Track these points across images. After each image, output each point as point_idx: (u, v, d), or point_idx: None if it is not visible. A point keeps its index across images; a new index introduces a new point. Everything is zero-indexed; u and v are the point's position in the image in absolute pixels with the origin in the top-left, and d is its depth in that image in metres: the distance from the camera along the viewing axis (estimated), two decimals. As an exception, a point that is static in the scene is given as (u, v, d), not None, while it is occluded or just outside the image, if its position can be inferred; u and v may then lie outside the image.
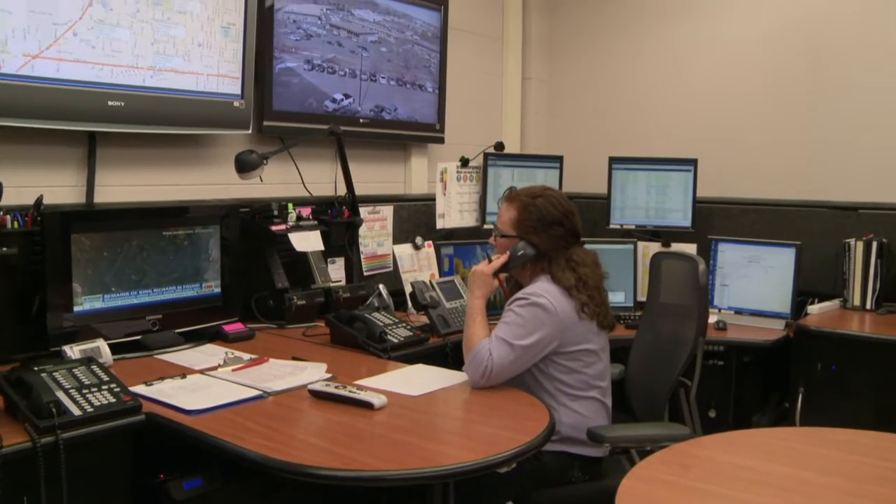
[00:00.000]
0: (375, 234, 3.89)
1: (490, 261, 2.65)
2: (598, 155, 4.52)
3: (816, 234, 4.02)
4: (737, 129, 4.42)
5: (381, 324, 2.98)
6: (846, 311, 3.82)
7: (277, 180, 3.56)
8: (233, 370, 2.54)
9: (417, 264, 3.94)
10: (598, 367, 2.59)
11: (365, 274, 3.77)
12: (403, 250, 3.92)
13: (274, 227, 3.31)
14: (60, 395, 2.03)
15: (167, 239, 2.98)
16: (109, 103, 2.88)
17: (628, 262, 4.09)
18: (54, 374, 2.13)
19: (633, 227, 4.39)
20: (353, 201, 3.64)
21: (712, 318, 3.54)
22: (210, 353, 2.79)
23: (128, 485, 2.12)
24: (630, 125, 4.82)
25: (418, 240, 3.97)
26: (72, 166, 2.97)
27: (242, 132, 3.39)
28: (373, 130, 4.03)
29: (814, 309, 3.75)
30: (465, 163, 4.33)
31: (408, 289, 3.49)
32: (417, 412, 2.23)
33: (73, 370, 2.18)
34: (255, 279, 3.33)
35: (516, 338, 2.43)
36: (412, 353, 2.93)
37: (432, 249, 4.00)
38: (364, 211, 3.75)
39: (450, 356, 3.05)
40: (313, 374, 2.50)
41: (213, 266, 3.13)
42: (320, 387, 2.28)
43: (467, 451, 1.95)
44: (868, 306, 3.79)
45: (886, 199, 3.92)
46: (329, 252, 3.57)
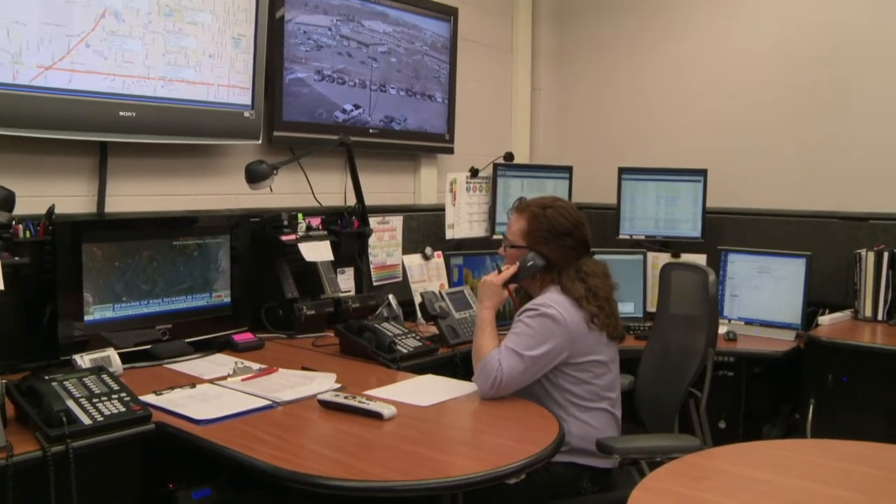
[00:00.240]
0: (385, 245, 3.90)
1: (500, 271, 2.64)
2: (608, 165, 4.53)
3: (827, 244, 4.01)
4: (746, 139, 4.41)
5: (390, 334, 2.98)
6: (857, 322, 3.80)
7: (287, 190, 3.56)
8: (242, 380, 2.55)
9: (427, 274, 3.94)
10: (607, 378, 2.58)
11: (374, 284, 3.78)
12: (413, 260, 3.93)
13: (284, 237, 3.32)
14: (71, 404, 2.04)
15: (177, 248, 2.99)
16: (121, 114, 2.89)
17: (638, 273, 4.08)
18: (65, 382, 2.14)
19: (643, 237, 4.38)
20: (362, 211, 3.65)
21: (722, 329, 3.53)
22: (220, 363, 2.79)
23: (137, 494, 2.12)
24: (639, 135, 4.82)
25: (428, 250, 3.98)
26: (83, 176, 2.98)
27: (253, 142, 3.40)
28: (382, 141, 4.04)
29: (825, 320, 3.73)
30: (474, 173, 4.34)
31: (417, 299, 3.49)
32: (427, 423, 2.23)
33: (84, 379, 2.19)
34: (264, 289, 3.34)
35: (526, 348, 2.43)
36: (421, 363, 2.93)
37: (442, 260, 4.00)
38: (374, 221, 3.76)
39: (459, 366, 3.04)
40: (323, 384, 2.50)
41: (223, 276, 3.14)
42: (330, 397, 2.28)
43: (476, 461, 1.95)
44: (879, 317, 3.77)
45: (898, 210, 3.90)
46: (339, 262, 3.57)
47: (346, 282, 3.67)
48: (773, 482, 1.89)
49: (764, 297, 3.91)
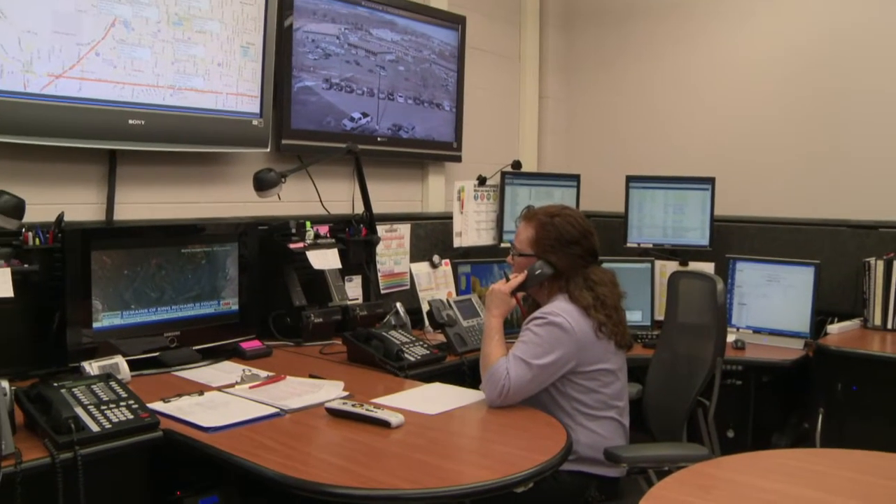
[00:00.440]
0: (393, 253, 3.90)
1: (508, 279, 2.64)
2: (616, 173, 4.52)
3: (836, 252, 3.99)
4: (754, 147, 4.40)
5: (398, 342, 2.98)
6: (867, 330, 3.78)
7: (295, 198, 3.57)
8: (250, 387, 2.55)
9: (434, 283, 3.94)
10: (615, 387, 2.57)
11: (382, 292, 3.78)
12: (420, 268, 3.93)
13: (292, 245, 3.33)
14: (79, 411, 2.04)
15: (185, 256, 3.00)
16: (130, 122, 2.91)
17: (645, 281, 4.08)
18: (73, 390, 2.15)
19: (651, 245, 4.37)
20: (370, 219, 3.66)
21: (730, 338, 3.51)
22: (227, 371, 2.80)
23: (145, 501, 2.12)
24: (647, 144, 4.81)
25: (435, 258, 3.98)
26: (92, 184, 3.00)
27: (261, 150, 3.41)
28: (390, 149, 4.05)
29: (834, 328, 3.72)
30: (482, 181, 4.34)
31: (425, 307, 3.49)
32: (434, 431, 2.23)
33: (92, 386, 2.19)
34: (272, 297, 3.34)
35: (534, 357, 2.43)
36: (429, 371, 2.93)
37: (449, 268, 4.00)
38: (381, 229, 3.76)
39: (467, 375, 3.04)
40: (330, 392, 2.50)
41: (231, 283, 3.15)
42: (337, 405, 2.28)
43: (484, 470, 1.95)
44: (889, 326, 3.75)
45: (907, 218, 3.89)
46: (346, 270, 3.58)
47: (353, 290, 3.67)
48: (782, 492, 1.88)
49: (772, 305, 3.90)
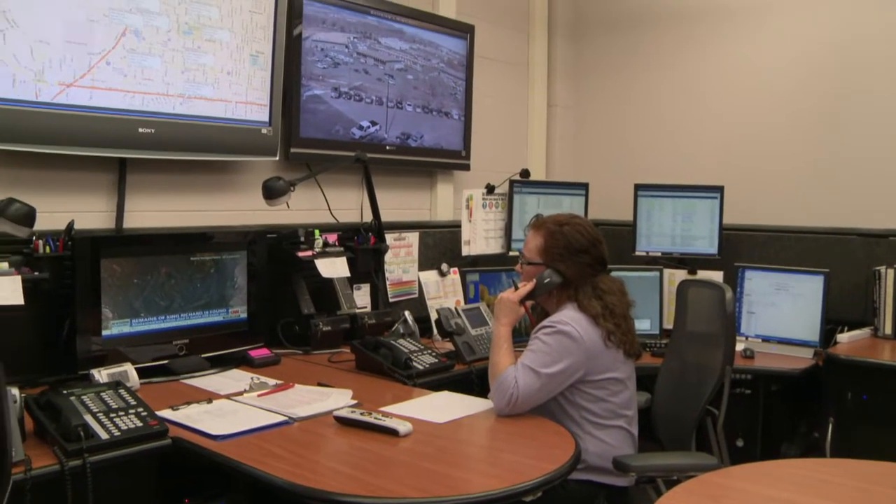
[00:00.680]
0: (401, 261, 3.90)
1: (516, 288, 2.64)
2: (624, 182, 4.52)
3: (845, 261, 3.97)
4: (763, 155, 4.39)
5: (406, 350, 2.98)
6: (877, 339, 3.76)
7: (304, 207, 3.58)
8: (258, 395, 2.55)
9: (443, 291, 3.94)
10: (624, 396, 2.57)
11: (390, 300, 3.78)
12: (429, 277, 3.92)
13: (300, 254, 3.34)
14: (88, 419, 2.05)
15: (194, 264, 3.01)
16: (140, 130, 2.92)
17: (654, 290, 4.07)
18: (83, 397, 2.15)
19: (659, 254, 4.37)
20: (379, 228, 3.66)
21: (739, 346, 3.50)
22: (236, 379, 2.80)
23: (153, 509, 2.13)
24: (656, 152, 4.81)
25: (444, 266, 3.97)
26: (102, 192, 3.01)
27: (270, 159, 3.42)
28: (399, 157, 4.05)
29: (843, 337, 3.70)
30: (490, 190, 4.34)
31: (433, 315, 3.49)
32: (443, 439, 2.22)
33: (101, 394, 2.20)
34: (281, 305, 3.35)
35: (542, 366, 2.42)
36: (437, 379, 2.93)
37: (458, 276, 4.00)
38: (390, 237, 3.76)
39: (475, 383, 3.04)
40: (339, 400, 2.50)
41: (240, 291, 3.15)
42: (346, 413, 2.29)
43: (493, 479, 1.94)
44: (899, 335, 3.74)
45: (917, 227, 3.88)
46: (355, 278, 3.58)
47: (362, 298, 3.68)
48: (792, 502, 1.88)
49: (781, 314, 3.88)
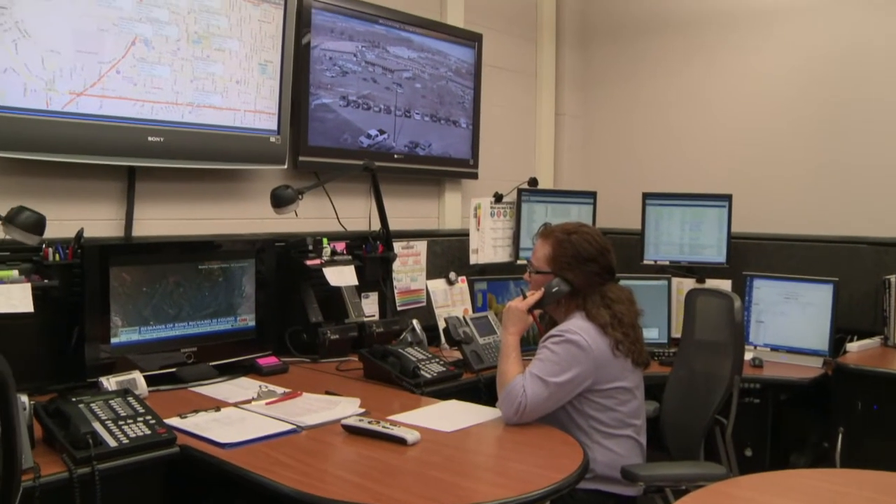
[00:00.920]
0: (409, 269, 3.90)
1: (524, 297, 2.64)
2: (632, 190, 4.51)
3: (855, 269, 3.96)
4: (772, 163, 4.39)
5: (414, 359, 2.98)
6: (887, 348, 3.74)
7: (312, 215, 3.59)
8: (266, 404, 2.55)
9: (451, 299, 3.93)
10: (632, 405, 2.56)
11: (398, 309, 3.78)
12: (437, 285, 3.92)
13: (308, 262, 3.34)
14: (97, 426, 2.06)
15: (203, 272, 3.01)
16: (149, 139, 2.93)
17: (662, 299, 4.06)
18: (91, 405, 2.16)
19: (668, 262, 4.36)
20: (387, 236, 3.66)
21: (748, 356, 3.49)
22: (244, 387, 2.80)
23: (161, 517, 2.13)
24: (664, 161, 4.81)
25: (452, 275, 3.97)
26: (112, 200, 3.02)
27: (278, 167, 3.43)
28: (407, 166, 4.06)
29: (853, 346, 3.68)
30: (498, 198, 4.34)
31: (441, 324, 3.49)
32: (451, 448, 2.22)
33: (110, 401, 2.21)
34: (289, 313, 3.35)
35: (550, 375, 2.42)
36: (445, 388, 2.92)
37: (466, 285, 4.00)
38: (398, 246, 3.76)
39: (483, 392, 3.03)
40: (347, 408, 2.50)
41: (248, 300, 3.16)
42: (354, 422, 2.28)
43: (500, 488, 1.93)
44: (910, 344, 3.72)
45: (927, 235, 3.86)
46: (363, 287, 3.58)
47: (370, 306, 3.68)
48: (803, 512, 1.87)
49: (790, 323, 3.87)
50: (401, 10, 3.98)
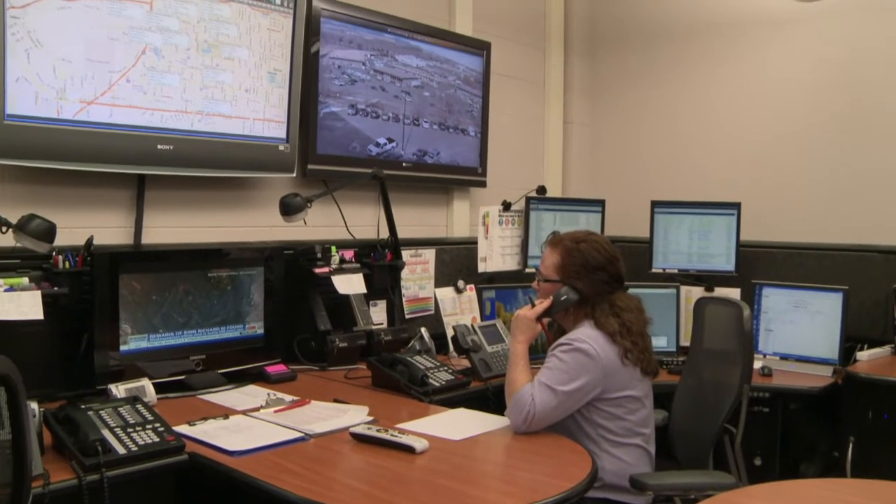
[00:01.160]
0: (417, 278, 3.91)
1: (533, 305, 2.64)
2: (641, 199, 4.51)
3: (865, 278, 3.94)
4: (781, 172, 4.38)
5: (422, 367, 2.97)
6: (898, 357, 3.73)
7: (321, 223, 3.59)
8: (275, 411, 2.55)
9: (459, 308, 3.93)
10: (641, 414, 2.55)
11: (407, 317, 3.78)
12: (445, 294, 3.92)
13: (317, 270, 3.34)
14: (106, 434, 2.06)
15: (212, 280, 3.02)
16: (159, 147, 2.95)
17: (671, 307, 4.05)
18: (100, 412, 2.16)
19: (676, 271, 4.35)
20: (395, 244, 3.67)
21: (757, 364, 3.47)
22: (252, 394, 2.81)
23: (170, 525, 2.13)
24: (672, 169, 4.80)
25: (460, 283, 3.97)
26: (121, 208, 3.04)
27: (287, 175, 3.44)
28: (415, 174, 4.07)
29: (863, 355, 3.67)
30: (507, 206, 4.34)
31: (450, 332, 3.49)
32: (459, 457, 2.22)
33: (119, 409, 2.21)
34: (297, 321, 3.36)
35: (559, 383, 2.41)
36: (454, 396, 2.92)
37: (474, 293, 4.00)
38: (406, 254, 3.77)
39: (491, 400, 3.02)
40: (355, 416, 2.50)
41: (257, 308, 3.16)
42: (362, 430, 2.28)
43: (509, 497, 1.93)
44: (920, 353, 3.70)
45: (937, 244, 3.84)
46: (371, 295, 3.59)
47: (378, 314, 3.68)
48: (813, 522, 1.86)
49: (800, 331, 3.86)
50: (409, 18, 3.99)
